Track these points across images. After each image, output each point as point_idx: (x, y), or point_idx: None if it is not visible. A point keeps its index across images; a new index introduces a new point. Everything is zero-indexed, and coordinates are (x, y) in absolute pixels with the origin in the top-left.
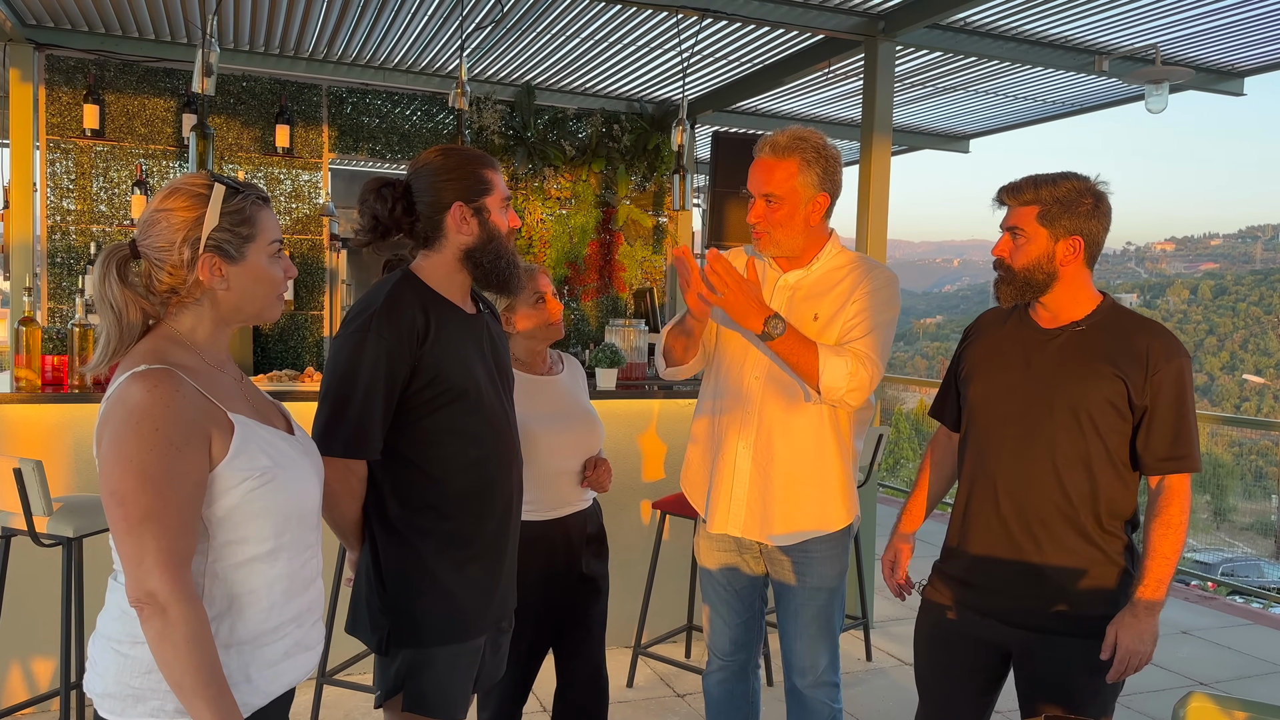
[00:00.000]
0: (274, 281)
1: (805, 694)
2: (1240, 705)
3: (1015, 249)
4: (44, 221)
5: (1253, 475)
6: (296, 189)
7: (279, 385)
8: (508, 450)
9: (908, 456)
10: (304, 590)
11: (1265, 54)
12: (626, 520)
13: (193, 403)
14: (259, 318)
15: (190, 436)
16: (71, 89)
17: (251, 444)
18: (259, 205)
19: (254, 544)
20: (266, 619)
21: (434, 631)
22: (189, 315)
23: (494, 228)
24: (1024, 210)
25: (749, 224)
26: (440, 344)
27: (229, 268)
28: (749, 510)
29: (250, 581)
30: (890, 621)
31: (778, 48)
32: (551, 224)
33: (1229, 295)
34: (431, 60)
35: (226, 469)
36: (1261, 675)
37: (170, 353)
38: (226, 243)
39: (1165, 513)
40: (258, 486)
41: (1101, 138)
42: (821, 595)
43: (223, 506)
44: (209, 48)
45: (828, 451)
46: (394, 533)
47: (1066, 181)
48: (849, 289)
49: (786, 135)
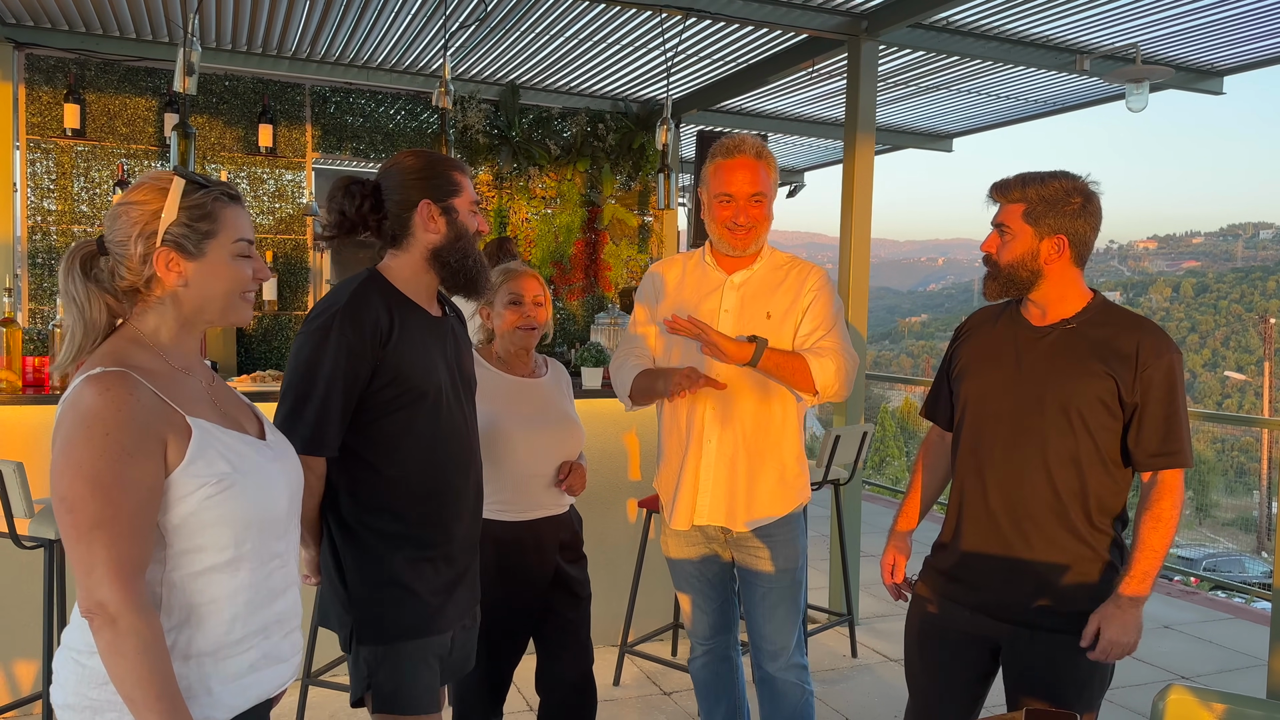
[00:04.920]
0: (237, 281)
1: (777, 678)
2: (1218, 697)
3: (1002, 245)
4: (24, 222)
5: (1235, 472)
6: (280, 189)
7: (262, 386)
8: (466, 453)
9: (893, 454)
10: (271, 601)
11: (1244, 53)
12: (612, 519)
13: (147, 406)
14: (224, 319)
15: (143, 441)
16: (52, 88)
17: (210, 449)
18: (224, 201)
19: (212, 553)
20: (229, 631)
21: (395, 627)
22: (153, 315)
23: (462, 227)
24: (1011, 208)
25: (739, 224)
26: (403, 345)
27: (187, 265)
28: (728, 500)
29: (210, 591)
30: (875, 618)
31: (761, 47)
32: (537, 223)
33: (1210, 293)
34: (415, 59)
35: (182, 475)
36: (1242, 669)
37: (130, 354)
38: (184, 238)
39: (1156, 507)
40: (215, 493)
41: (1083, 137)
42: (786, 577)
43: (178, 514)
44: (190, 47)
45: (788, 435)
46: (350, 532)
47: (1055, 181)
48: (795, 288)
49: (753, 139)
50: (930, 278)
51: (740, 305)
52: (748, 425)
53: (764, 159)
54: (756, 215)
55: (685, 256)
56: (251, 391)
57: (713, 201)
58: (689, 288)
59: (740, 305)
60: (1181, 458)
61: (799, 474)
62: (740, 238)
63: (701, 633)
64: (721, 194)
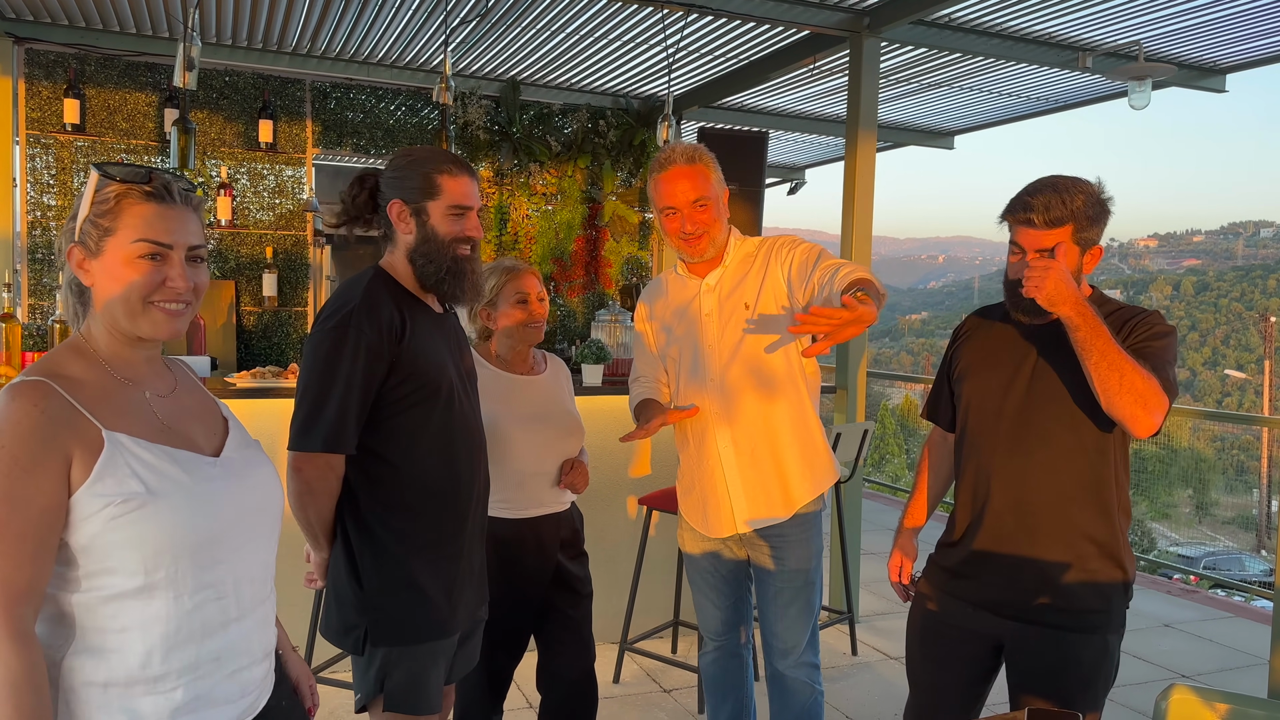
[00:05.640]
0: (131, 286)
1: (786, 675)
2: (1221, 697)
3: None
4: (24, 217)
5: (1234, 470)
6: (280, 184)
7: (262, 382)
8: (476, 448)
9: (893, 452)
10: (203, 638)
11: (1247, 50)
12: (612, 516)
13: (55, 419)
14: (133, 328)
15: (42, 457)
16: (52, 83)
17: (121, 467)
18: (134, 198)
19: (121, 577)
20: (144, 665)
21: (412, 629)
22: (94, 321)
23: (430, 231)
24: (1060, 231)
25: (688, 233)
26: (415, 341)
27: (92, 264)
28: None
29: (120, 619)
30: (875, 616)
31: (763, 43)
32: (537, 220)
33: (1211, 291)
34: (415, 55)
35: (86, 493)
36: (1243, 668)
37: (64, 363)
38: (86, 234)
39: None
40: (122, 514)
41: (1085, 135)
42: (799, 576)
43: (84, 534)
44: (190, 42)
45: (802, 425)
46: (367, 530)
47: (1080, 192)
48: (762, 267)
49: (683, 146)
50: (931, 275)
51: (718, 305)
52: (757, 420)
53: (698, 162)
54: (704, 220)
55: (666, 273)
56: (252, 387)
57: (660, 217)
58: (673, 303)
59: (718, 305)
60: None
61: (822, 458)
62: (693, 245)
63: (713, 629)
64: (665, 208)
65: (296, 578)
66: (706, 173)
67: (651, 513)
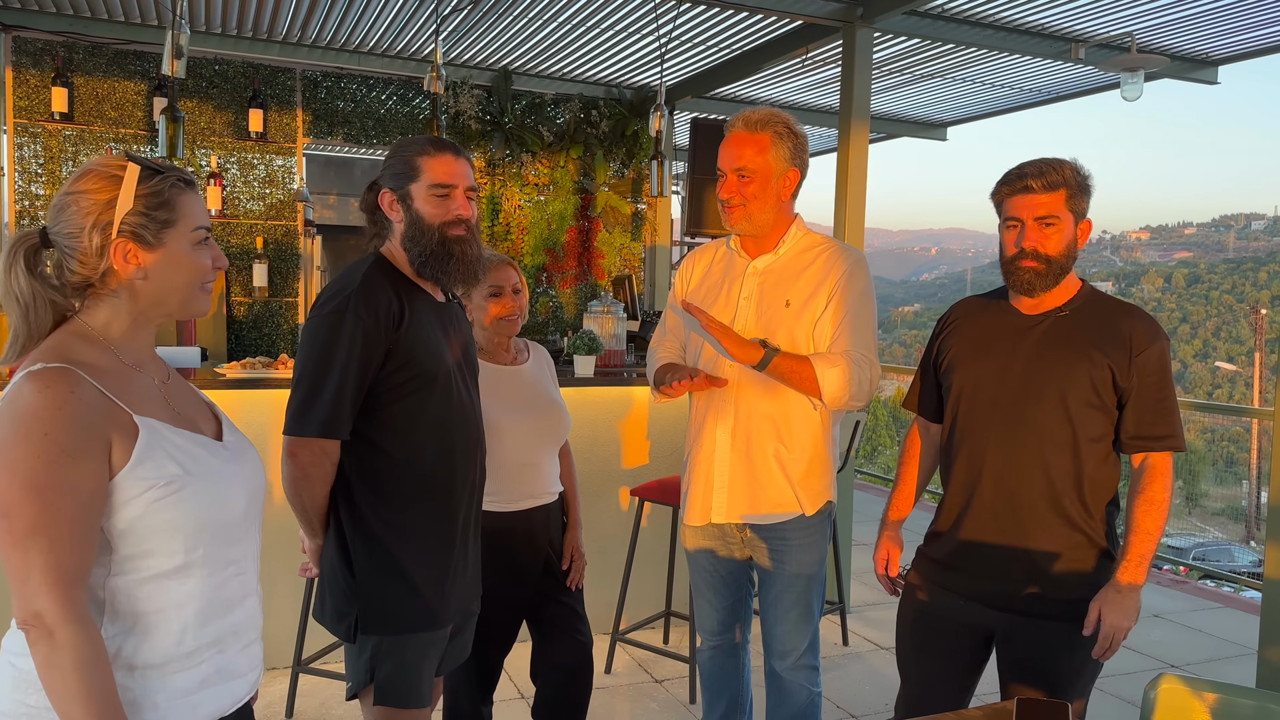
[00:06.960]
0: (198, 271)
1: (784, 676)
2: (1209, 686)
3: (1046, 237)
4: (12, 207)
5: (1224, 461)
6: (270, 174)
7: (252, 372)
8: (473, 438)
9: (885, 443)
10: (226, 612)
11: (1239, 42)
12: (605, 507)
13: (91, 405)
14: (184, 311)
15: (85, 442)
16: (39, 71)
17: (158, 450)
18: (180, 188)
19: (160, 559)
20: (179, 642)
21: (402, 618)
22: (104, 309)
23: (415, 214)
24: (1055, 196)
25: (721, 199)
26: (413, 328)
27: (146, 255)
28: (730, 495)
29: (157, 599)
30: (867, 606)
31: (756, 33)
32: (529, 210)
33: (1202, 284)
34: (407, 44)
35: (127, 477)
36: (1232, 658)
37: (76, 350)
38: (142, 228)
39: (1149, 490)
40: (163, 496)
41: (1077, 126)
42: (801, 581)
43: (124, 518)
44: (179, 30)
45: (807, 433)
46: (360, 518)
47: (1067, 164)
48: (820, 275)
49: (759, 112)
50: (923, 267)
51: (760, 292)
52: (762, 420)
53: (760, 131)
54: (745, 192)
55: (719, 243)
56: (242, 378)
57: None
58: (715, 274)
59: (760, 292)
60: (1174, 441)
61: (820, 472)
62: (729, 213)
63: (710, 628)
64: (717, 169)
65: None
66: (765, 145)
67: (643, 504)
